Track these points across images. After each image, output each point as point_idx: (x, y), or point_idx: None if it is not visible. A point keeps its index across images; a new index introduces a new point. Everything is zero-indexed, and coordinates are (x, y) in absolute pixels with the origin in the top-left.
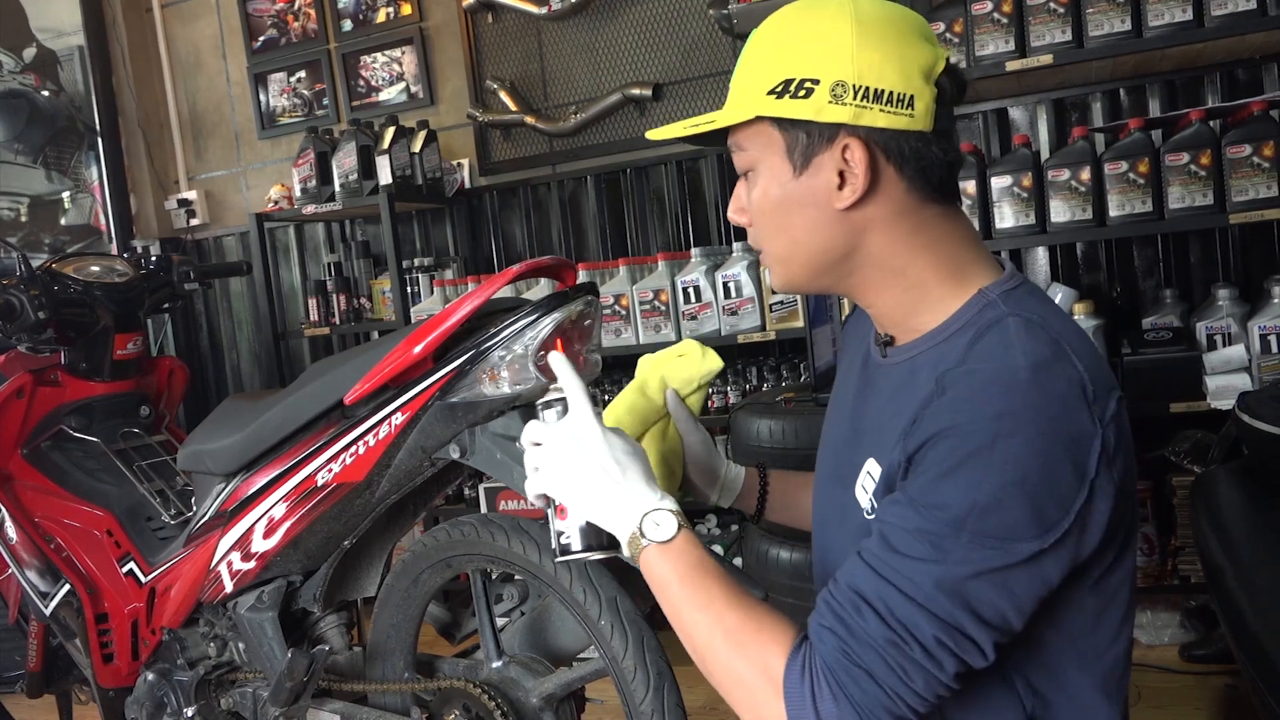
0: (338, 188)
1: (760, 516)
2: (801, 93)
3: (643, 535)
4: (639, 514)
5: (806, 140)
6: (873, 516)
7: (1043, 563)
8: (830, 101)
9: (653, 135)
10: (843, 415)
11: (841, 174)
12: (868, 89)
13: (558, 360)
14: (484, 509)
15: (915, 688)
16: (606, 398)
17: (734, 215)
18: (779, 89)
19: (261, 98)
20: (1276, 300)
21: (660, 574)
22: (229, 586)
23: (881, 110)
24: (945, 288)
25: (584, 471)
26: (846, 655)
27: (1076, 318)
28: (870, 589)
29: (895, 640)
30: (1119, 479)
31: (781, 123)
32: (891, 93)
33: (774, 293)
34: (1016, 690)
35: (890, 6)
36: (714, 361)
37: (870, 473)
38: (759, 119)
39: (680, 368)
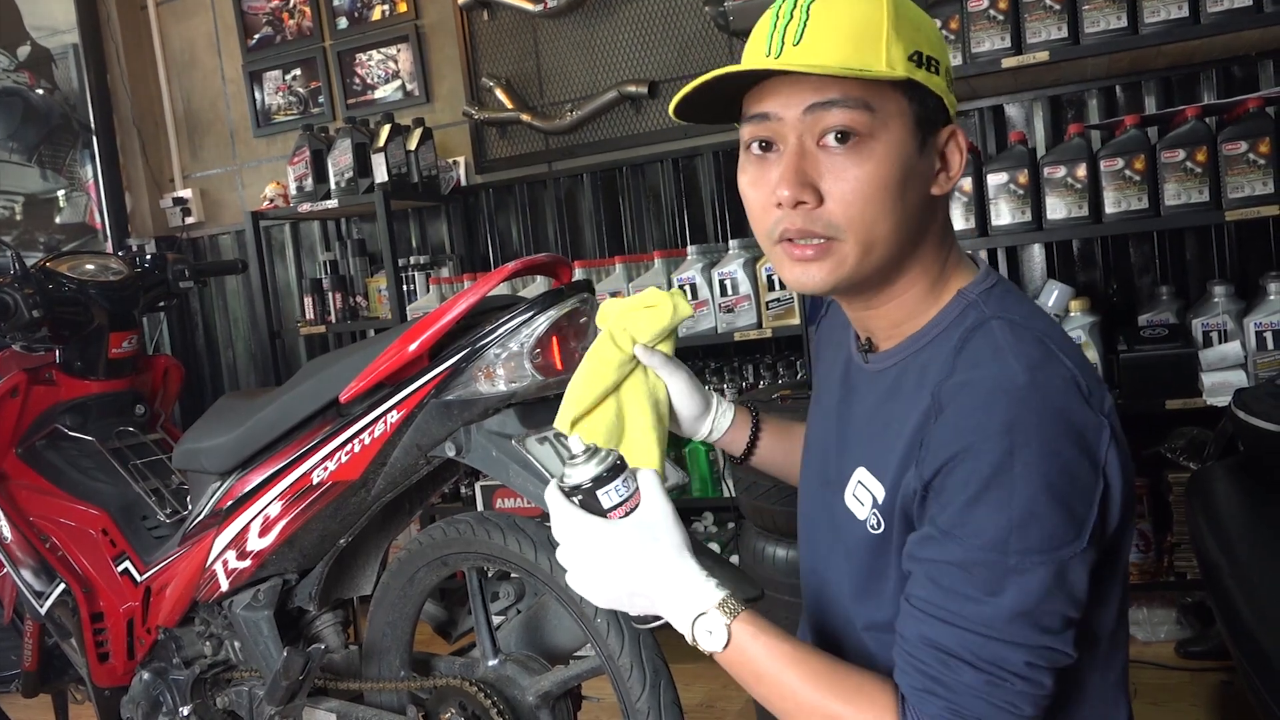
0: (333, 186)
1: (749, 455)
2: (932, 69)
3: (697, 642)
4: (689, 619)
5: (930, 117)
6: (907, 553)
7: (1085, 556)
8: (948, 86)
9: (812, 68)
10: (827, 421)
11: (942, 158)
12: (952, 80)
13: (646, 471)
14: (480, 507)
15: (1025, 714)
16: None
17: (794, 190)
18: (915, 58)
19: (257, 95)
20: (1272, 297)
21: (734, 672)
22: (224, 585)
23: (958, 107)
24: (930, 291)
25: (643, 565)
26: (954, 712)
27: (1073, 315)
28: (949, 640)
29: (993, 680)
30: (1122, 464)
31: (916, 94)
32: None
33: (771, 290)
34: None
35: None
36: (684, 309)
37: (863, 482)
38: (895, 86)
39: (648, 320)
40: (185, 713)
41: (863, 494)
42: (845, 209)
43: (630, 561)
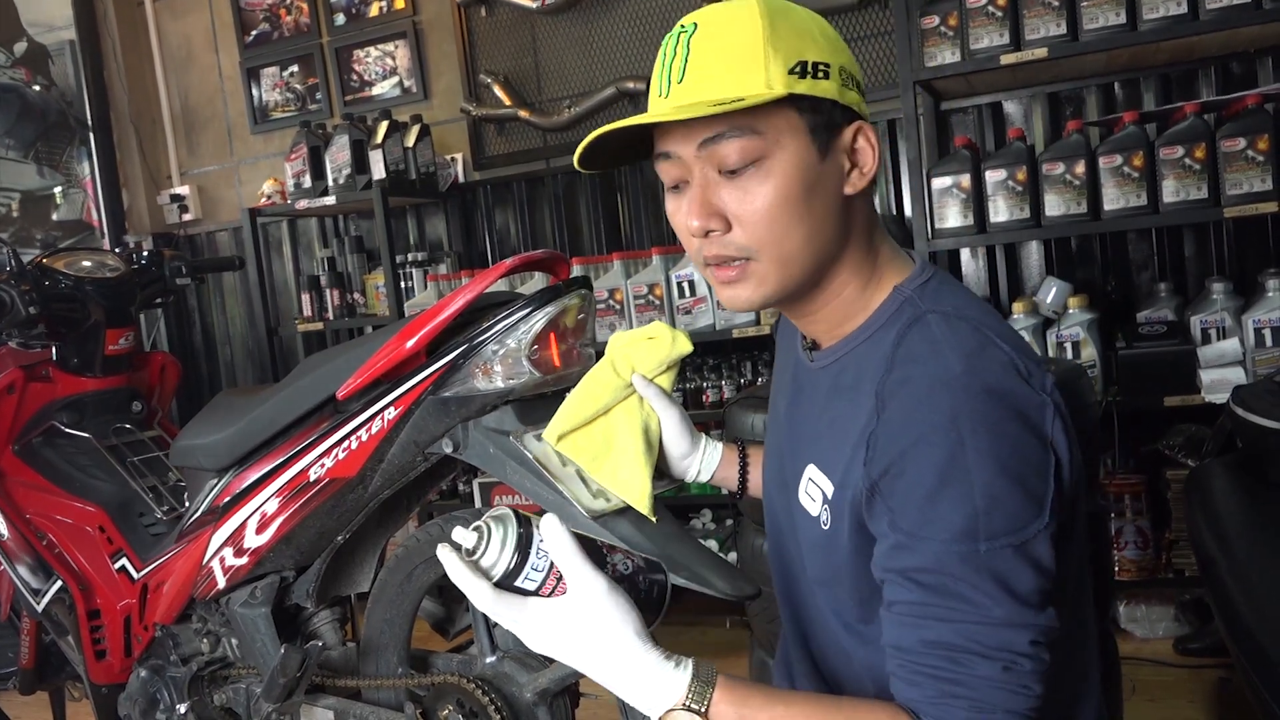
0: (331, 182)
1: (743, 493)
2: (820, 74)
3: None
4: (659, 712)
5: (826, 123)
6: (880, 565)
7: (1049, 531)
8: (842, 85)
9: (666, 117)
10: (779, 423)
11: (851, 158)
12: (852, 78)
13: (551, 527)
14: (478, 504)
15: (1035, 693)
16: None
17: (702, 220)
18: (797, 69)
19: (254, 92)
20: (1271, 294)
21: None
22: (222, 582)
23: (864, 101)
24: (864, 289)
25: (592, 656)
26: (977, 708)
27: (1071, 312)
28: (952, 636)
29: (1007, 667)
30: (1068, 439)
31: (805, 105)
32: (860, 83)
33: None
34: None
35: None
36: (684, 345)
37: (813, 479)
38: (779, 102)
39: (649, 351)
40: (182, 710)
41: (814, 491)
42: (753, 230)
43: (578, 651)
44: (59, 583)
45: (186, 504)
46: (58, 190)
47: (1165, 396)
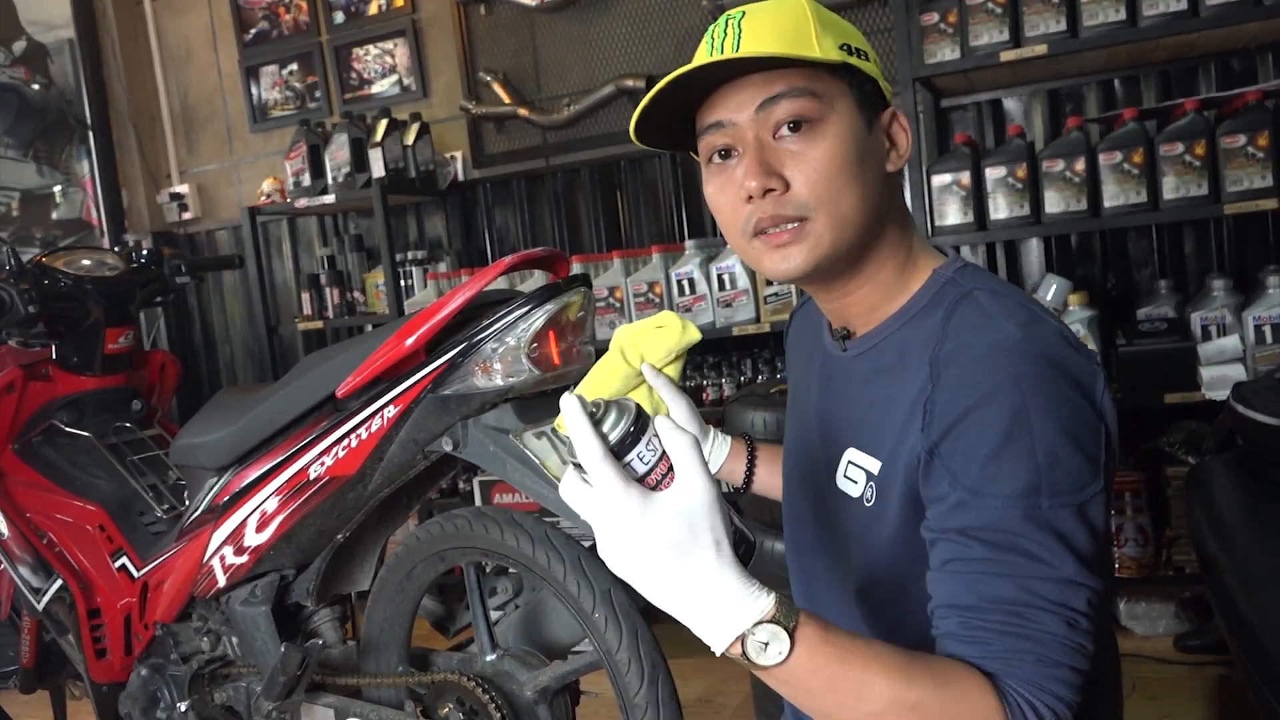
0: (330, 181)
1: (748, 486)
2: (863, 56)
3: (747, 656)
4: (731, 635)
5: (872, 99)
6: (935, 527)
7: (1103, 495)
8: (880, 73)
9: (745, 52)
10: (806, 420)
11: (889, 138)
12: (882, 71)
13: (667, 422)
14: (479, 502)
15: (1090, 653)
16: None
17: (761, 180)
18: (845, 48)
19: (253, 91)
20: (1271, 291)
21: (797, 684)
22: (222, 581)
23: (892, 92)
24: (901, 272)
25: (682, 564)
26: (1043, 662)
27: (1071, 309)
28: (1016, 592)
29: (1070, 622)
30: (1112, 409)
31: (853, 79)
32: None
33: (768, 284)
34: None
35: None
36: (693, 334)
37: (854, 462)
38: (833, 72)
39: (658, 340)
40: (183, 708)
41: (855, 473)
42: (812, 188)
43: (664, 554)
44: (59, 581)
45: (186, 502)
46: (57, 189)
47: (1165, 393)
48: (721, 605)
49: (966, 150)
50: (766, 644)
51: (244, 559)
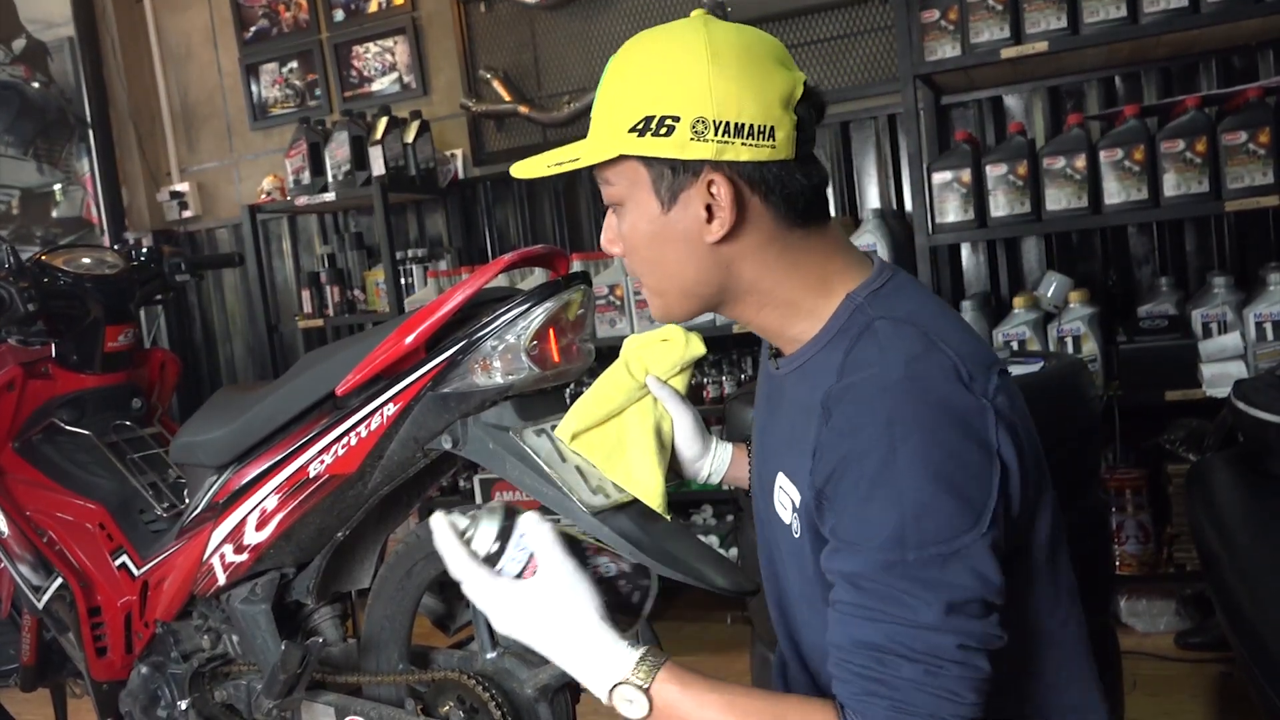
0: (330, 179)
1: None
2: (663, 130)
3: (618, 711)
4: (605, 691)
5: (672, 177)
6: (824, 566)
7: (988, 541)
8: (692, 139)
9: (517, 172)
10: (758, 430)
11: (709, 208)
12: (728, 124)
13: (532, 520)
14: (479, 500)
15: (969, 700)
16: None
17: (607, 246)
18: (640, 126)
19: (253, 89)
20: (1272, 288)
21: (671, 716)
22: (222, 579)
23: (744, 144)
24: (814, 299)
25: (552, 635)
26: (897, 708)
27: (1072, 306)
28: (880, 637)
29: (930, 670)
30: (1017, 445)
31: (646, 160)
32: (752, 125)
33: None
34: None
35: (745, 33)
36: (696, 348)
37: (783, 487)
38: (624, 155)
39: (663, 353)
40: (183, 706)
41: (784, 499)
42: (628, 262)
43: (538, 631)
44: (59, 580)
45: (186, 501)
46: (57, 187)
47: (1166, 391)
48: (589, 668)
49: (967, 147)
50: (631, 701)
51: (244, 557)
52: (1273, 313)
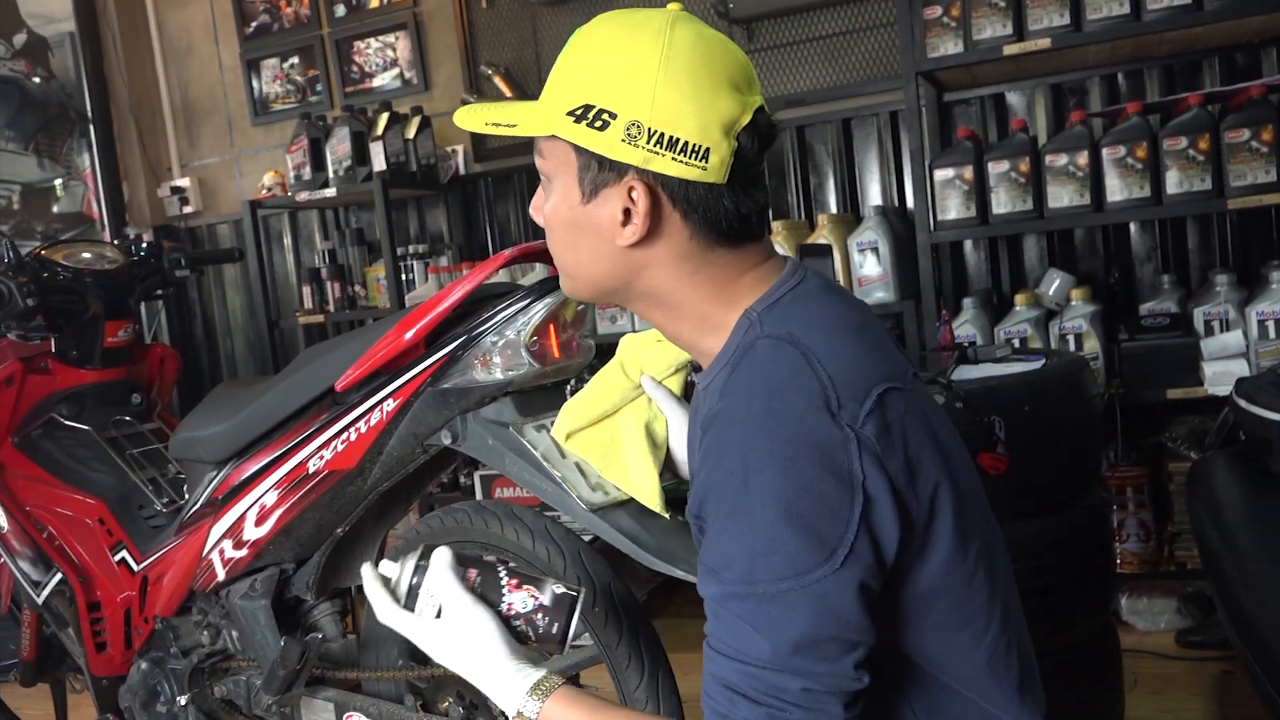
0: (331, 174)
1: None
2: (598, 124)
3: (523, 717)
4: (512, 711)
5: (597, 171)
6: (698, 587)
7: (846, 577)
8: (623, 140)
9: (458, 119)
10: (689, 445)
11: (627, 211)
12: (662, 135)
13: (436, 561)
14: (479, 496)
15: None
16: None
17: (533, 213)
18: (579, 112)
19: (254, 84)
20: (1274, 286)
21: None
22: (221, 574)
23: (674, 159)
24: (724, 313)
25: (465, 667)
26: None
27: (1074, 304)
28: (731, 675)
29: (772, 713)
30: (889, 475)
31: (577, 147)
32: (686, 143)
33: None
34: (911, 707)
35: (709, 45)
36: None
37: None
38: (557, 136)
39: (658, 353)
40: (183, 702)
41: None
42: (547, 236)
43: (455, 663)
44: (59, 575)
45: (186, 496)
46: (58, 182)
47: (1168, 389)
48: (496, 697)
49: (969, 144)
50: (523, 714)
51: (243, 553)
52: (1275, 310)
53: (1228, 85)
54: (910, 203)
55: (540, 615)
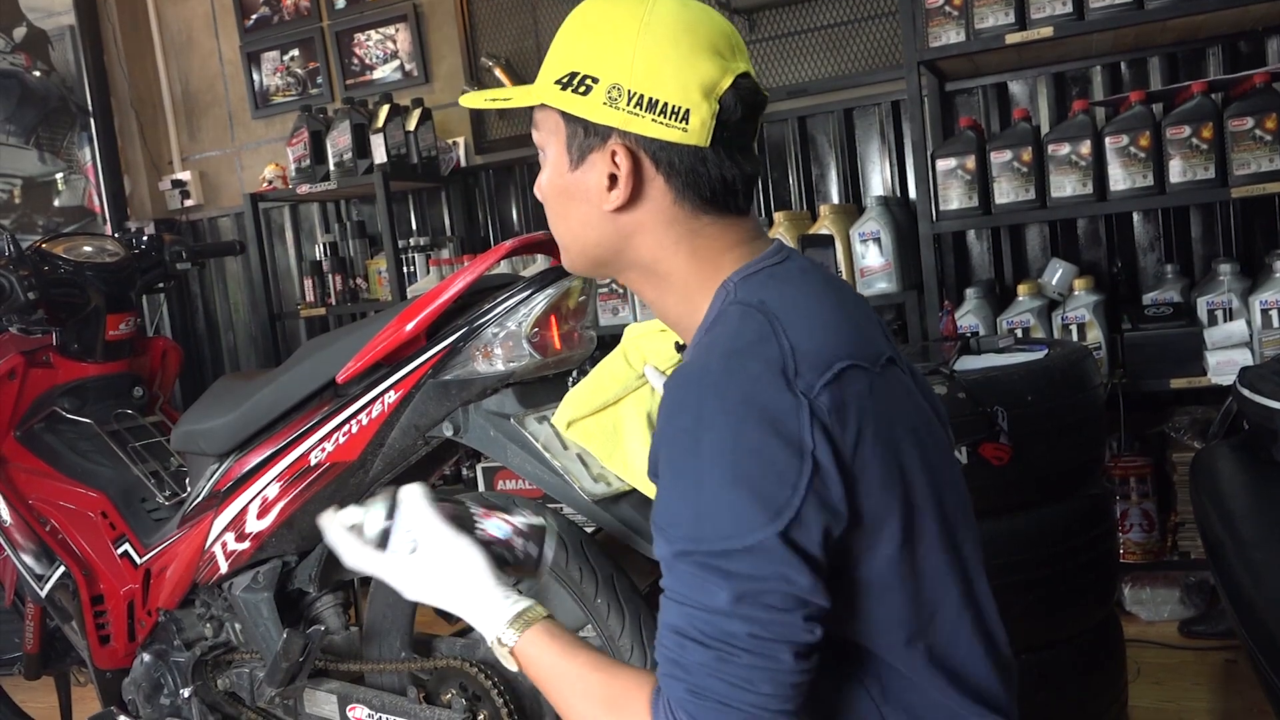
0: (332, 167)
1: None
2: (582, 89)
3: (502, 644)
4: (493, 637)
5: (583, 136)
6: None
7: (791, 540)
8: (605, 103)
9: (464, 101)
10: None
11: (612, 176)
12: (641, 97)
13: (409, 495)
14: (481, 488)
15: (764, 691)
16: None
17: (536, 191)
18: (565, 79)
19: (255, 77)
20: (1278, 275)
21: (529, 671)
22: (224, 567)
23: (653, 120)
24: (707, 286)
25: (448, 597)
26: (692, 692)
27: (1077, 294)
28: (681, 621)
29: (721, 656)
30: (847, 449)
31: (564, 114)
32: (665, 104)
33: None
34: (867, 690)
35: (692, 11)
36: None
37: None
38: (547, 105)
39: (662, 343)
40: (186, 694)
41: None
42: (546, 209)
43: (437, 594)
44: (62, 568)
45: (188, 489)
46: (59, 176)
47: (1171, 378)
48: (479, 623)
49: (971, 134)
50: (502, 642)
51: (245, 545)
52: (1279, 299)
53: (1231, 73)
54: (912, 193)
55: (517, 538)
